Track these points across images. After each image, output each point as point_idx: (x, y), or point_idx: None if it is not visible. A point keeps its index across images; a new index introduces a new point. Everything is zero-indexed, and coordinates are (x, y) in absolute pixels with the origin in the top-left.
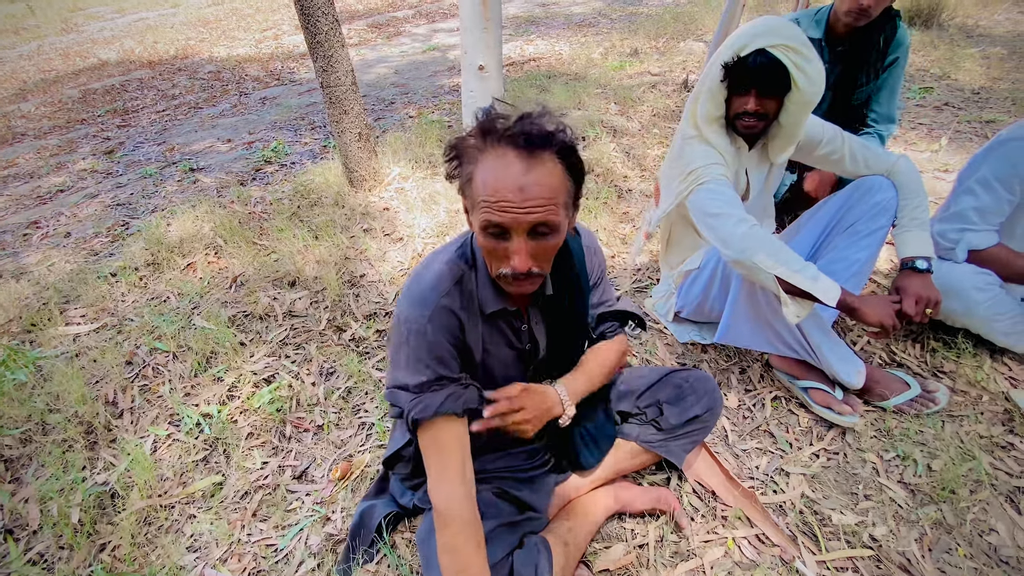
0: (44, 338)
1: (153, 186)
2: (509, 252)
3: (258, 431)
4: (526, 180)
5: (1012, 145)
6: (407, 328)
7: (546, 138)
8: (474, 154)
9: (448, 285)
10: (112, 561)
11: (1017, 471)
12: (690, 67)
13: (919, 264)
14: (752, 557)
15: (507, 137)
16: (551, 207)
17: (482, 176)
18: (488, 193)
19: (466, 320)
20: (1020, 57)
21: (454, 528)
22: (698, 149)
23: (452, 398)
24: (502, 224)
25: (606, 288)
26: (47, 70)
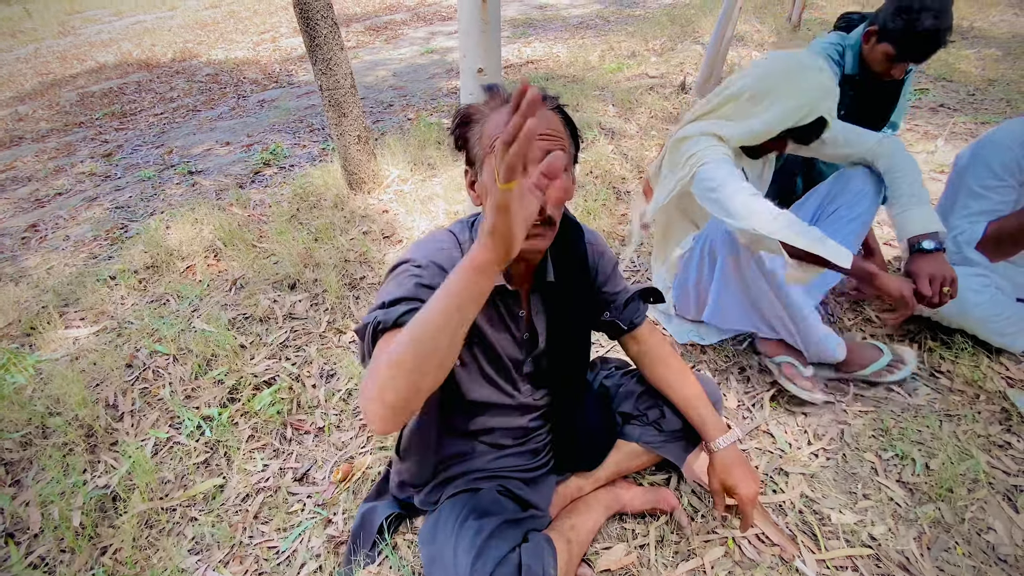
0: (43, 341)
1: (151, 189)
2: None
3: (259, 433)
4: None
5: (982, 154)
6: (399, 266)
7: (548, 97)
8: (485, 113)
9: (448, 245)
10: (114, 564)
11: (1015, 470)
12: (687, 69)
13: (926, 244)
14: (752, 556)
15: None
16: (560, 141)
17: (495, 122)
18: (503, 127)
19: None
20: (1015, 58)
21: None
22: (700, 140)
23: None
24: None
25: (618, 280)
26: (44, 73)
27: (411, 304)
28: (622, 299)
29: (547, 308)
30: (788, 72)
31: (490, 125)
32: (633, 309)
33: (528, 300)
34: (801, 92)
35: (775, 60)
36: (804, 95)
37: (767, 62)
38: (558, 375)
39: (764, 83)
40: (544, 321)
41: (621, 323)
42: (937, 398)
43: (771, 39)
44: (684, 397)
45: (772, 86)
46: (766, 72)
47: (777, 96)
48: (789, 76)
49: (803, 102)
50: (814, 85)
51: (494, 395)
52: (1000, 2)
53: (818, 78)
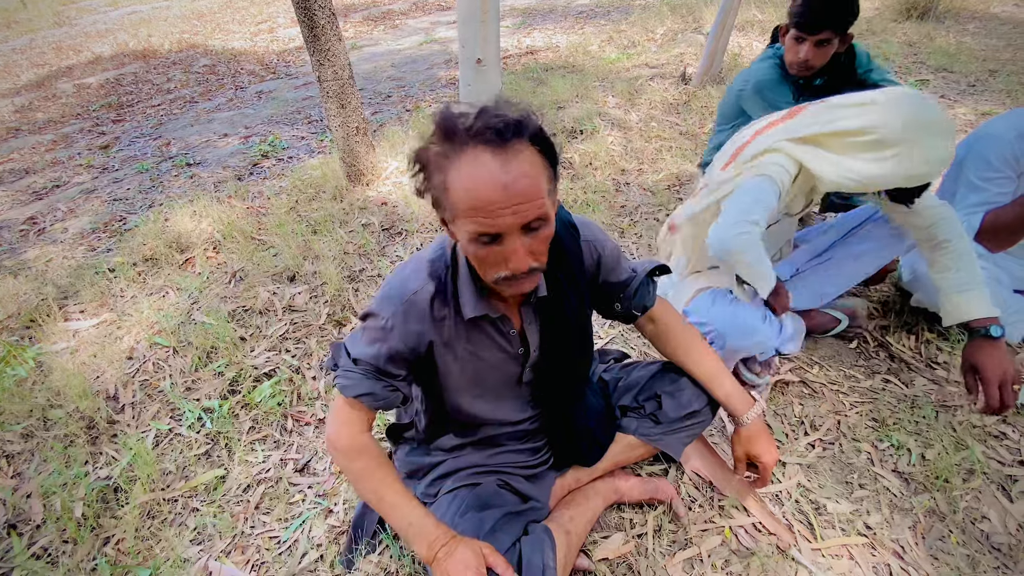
0: (43, 334)
1: (149, 181)
2: (505, 255)
3: (259, 425)
4: (508, 178)
5: (978, 146)
6: (372, 318)
7: (516, 127)
8: (442, 162)
9: (419, 285)
10: (116, 554)
11: (1009, 460)
12: (687, 60)
13: (994, 331)
14: (749, 545)
15: (474, 136)
16: (538, 200)
17: (459, 184)
18: (471, 202)
19: (438, 322)
20: (1016, 49)
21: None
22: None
23: (372, 397)
24: (496, 231)
25: (624, 268)
26: (40, 64)
27: (367, 382)
28: (632, 287)
29: (540, 319)
30: (930, 129)
31: (458, 181)
32: (643, 293)
33: (520, 313)
34: (934, 155)
35: (917, 108)
36: (934, 160)
37: (905, 106)
38: (557, 382)
39: (899, 132)
40: (537, 332)
41: (634, 311)
42: (933, 389)
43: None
44: (707, 372)
45: (907, 138)
46: (905, 120)
47: (909, 151)
48: (930, 134)
49: (931, 168)
50: (945, 153)
51: (496, 411)
52: None
53: (950, 146)
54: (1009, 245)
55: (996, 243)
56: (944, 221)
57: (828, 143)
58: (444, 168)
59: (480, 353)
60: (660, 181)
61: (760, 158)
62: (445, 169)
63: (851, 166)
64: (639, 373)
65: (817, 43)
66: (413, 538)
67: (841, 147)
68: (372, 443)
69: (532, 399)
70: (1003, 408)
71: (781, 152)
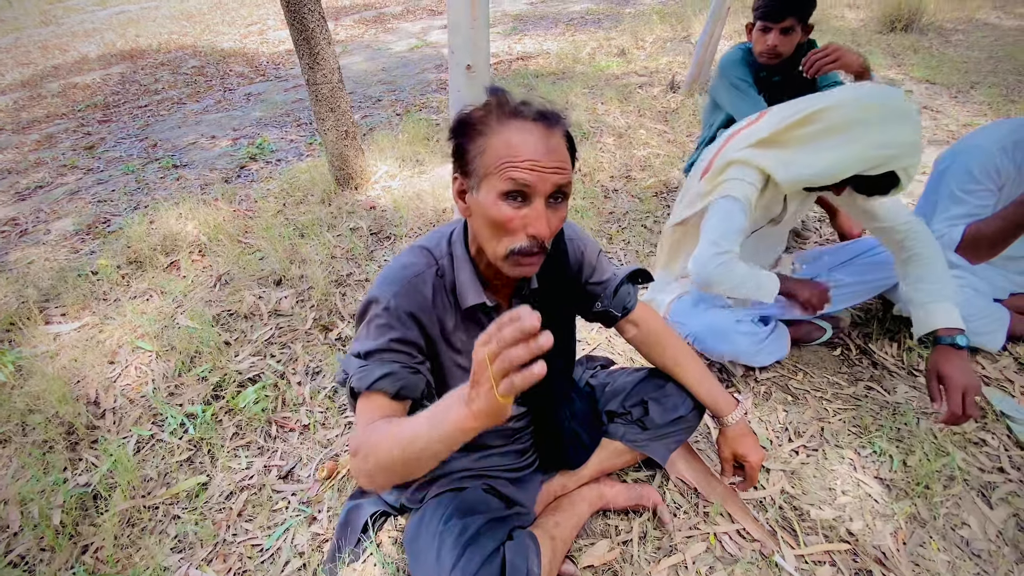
0: (23, 338)
1: (135, 183)
2: (528, 219)
3: (243, 431)
4: (550, 143)
5: (961, 158)
6: (373, 304)
7: (560, 117)
8: (490, 126)
9: (420, 268)
10: (95, 563)
11: (989, 466)
12: (676, 68)
13: (960, 340)
14: (733, 552)
15: (527, 110)
16: (568, 173)
17: (504, 140)
18: (513, 153)
19: (438, 307)
20: (997, 61)
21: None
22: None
23: (392, 378)
24: (528, 184)
25: (606, 269)
26: (25, 63)
27: (384, 366)
28: (611, 286)
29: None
30: (884, 111)
31: (503, 140)
32: (624, 294)
33: (511, 306)
34: (888, 138)
35: (872, 92)
36: (890, 143)
37: (860, 90)
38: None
39: (849, 113)
40: None
41: (614, 310)
42: (915, 396)
43: None
44: (691, 375)
45: (858, 119)
46: (856, 102)
47: (859, 133)
48: (885, 116)
49: (886, 151)
50: (906, 137)
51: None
52: (984, 5)
53: (912, 131)
54: (989, 257)
55: (977, 255)
56: (916, 235)
57: (786, 139)
58: (489, 131)
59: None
60: (648, 188)
61: (727, 171)
62: (490, 132)
63: (811, 158)
64: (625, 379)
65: (782, 31)
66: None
67: (797, 140)
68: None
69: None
70: (965, 418)
71: (743, 164)
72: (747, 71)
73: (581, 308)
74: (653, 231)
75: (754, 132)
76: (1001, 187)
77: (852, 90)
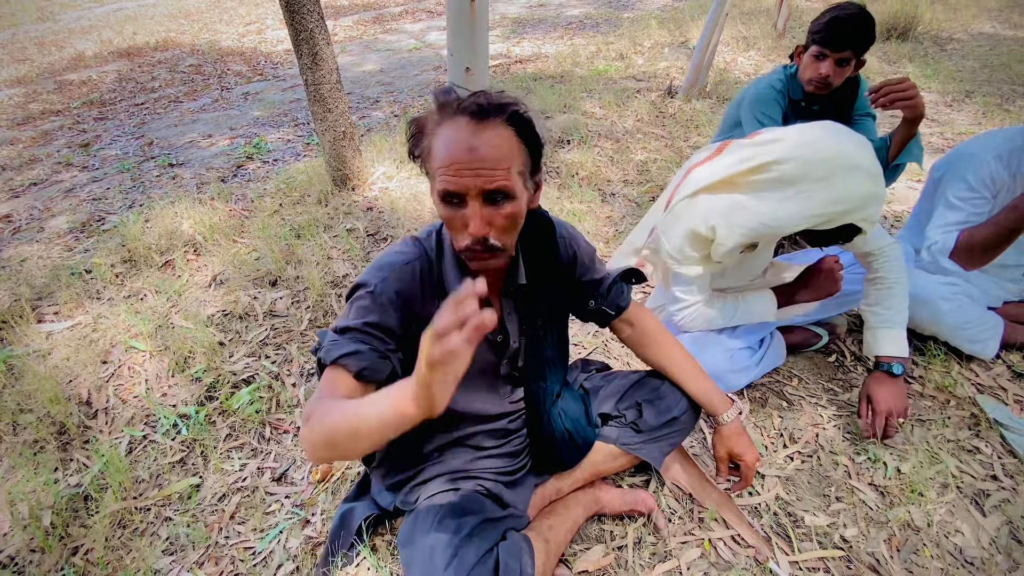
0: (15, 336)
1: (130, 181)
2: (465, 219)
3: (237, 433)
4: (476, 141)
5: (957, 166)
6: (361, 287)
7: (497, 107)
8: (432, 127)
9: (410, 258)
10: (85, 565)
11: (982, 474)
12: (674, 73)
13: (896, 369)
14: (728, 558)
15: (461, 108)
16: (502, 171)
17: (437, 143)
18: (442, 158)
19: (425, 297)
20: (992, 70)
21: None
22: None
23: (357, 356)
24: (457, 189)
25: (598, 268)
26: (21, 59)
27: (352, 344)
28: (605, 286)
29: (519, 309)
30: (833, 164)
31: (437, 143)
32: (617, 293)
33: (500, 301)
34: (840, 194)
35: (821, 145)
36: (842, 198)
37: (815, 141)
38: (535, 374)
39: (799, 168)
40: (516, 322)
41: (608, 309)
42: (909, 403)
43: (756, 45)
44: (685, 373)
45: (807, 173)
46: (808, 155)
47: (810, 188)
48: (832, 170)
49: (839, 207)
50: (859, 190)
51: (473, 402)
52: (979, 14)
53: (865, 184)
54: (982, 264)
55: (971, 261)
56: (888, 260)
57: (740, 183)
58: (430, 133)
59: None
60: (645, 193)
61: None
62: (430, 133)
63: (760, 209)
64: (620, 382)
65: (838, 61)
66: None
67: (751, 186)
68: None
69: (511, 392)
70: (885, 436)
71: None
72: (777, 109)
73: (575, 307)
74: None
75: (713, 171)
76: (996, 195)
77: (805, 138)
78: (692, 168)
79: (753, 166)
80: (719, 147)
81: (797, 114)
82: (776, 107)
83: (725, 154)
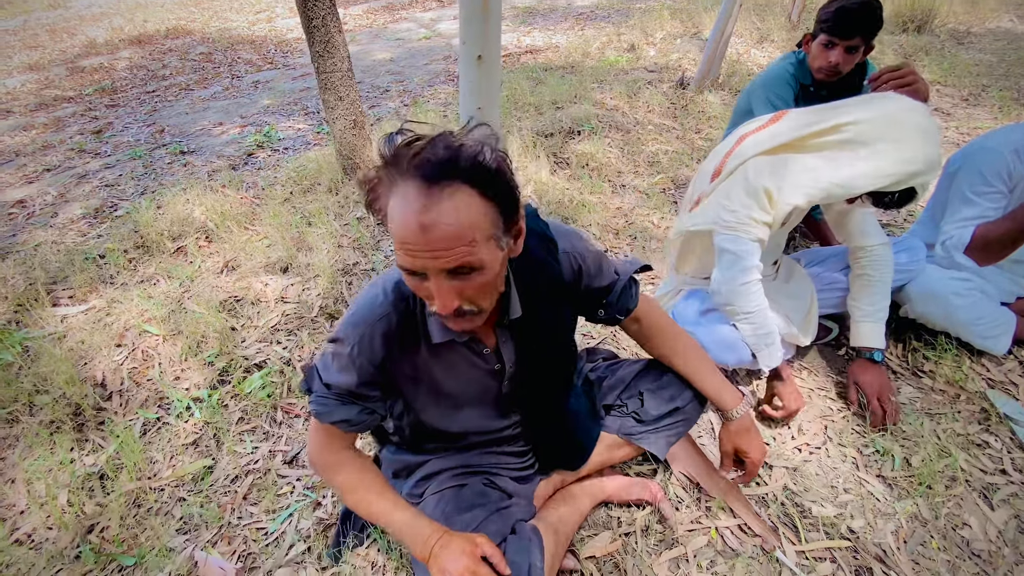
0: (31, 319)
1: (142, 168)
2: (431, 292)
3: (249, 416)
4: (428, 218)
5: (973, 160)
6: (340, 342)
7: (448, 164)
8: (385, 188)
9: (384, 310)
10: (100, 542)
11: (991, 468)
12: (686, 65)
13: (876, 356)
14: (734, 546)
15: (411, 166)
16: (462, 247)
17: (391, 214)
18: (395, 233)
19: (405, 347)
20: (1009, 64)
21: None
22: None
23: (347, 424)
24: (413, 269)
25: (607, 273)
26: (33, 46)
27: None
28: (616, 291)
29: (514, 339)
30: (910, 127)
31: (391, 211)
32: (626, 297)
33: (495, 332)
34: (912, 154)
35: (901, 107)
36: (914, 159)
37: (888, 104)
38: (538, 392)
39: (878, 127)
40: (512, 350)
41: (618, 315)
42: (919, 397)
43: (771, 37)
44: (695, 369)
45: (883, 135)
46: (885, 117)
47: (885, 148)
48: (909, 132)
49: (910, 167)
50: (930, 154)
51: (473, 421)
52: (997, 8)
53: (934, 147)
54: (997, 259)
55: (985, 257)
56: (877, 259)
57: (807, 145)
58: (386, 194)
59: (453, 371)
60: (656, 184)
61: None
62: (387, 195)
63: (829, 171)
64: (624, 371)
65: (847, 49)
66: (407, 539)
67: (818, 147)
68: (353, 456)
69: (514, 408)
70: (885, 418)
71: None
72: (790, 91)
73: (583, 313)
74: (660, 227)
75: (773, 135)
76: (1012, 189)
77: (880, 103)
78: (745, 136)
79: (825, 127)
80: (774, 116)
81: (807, 99)
82: (788, 89)
83: (784, 120)
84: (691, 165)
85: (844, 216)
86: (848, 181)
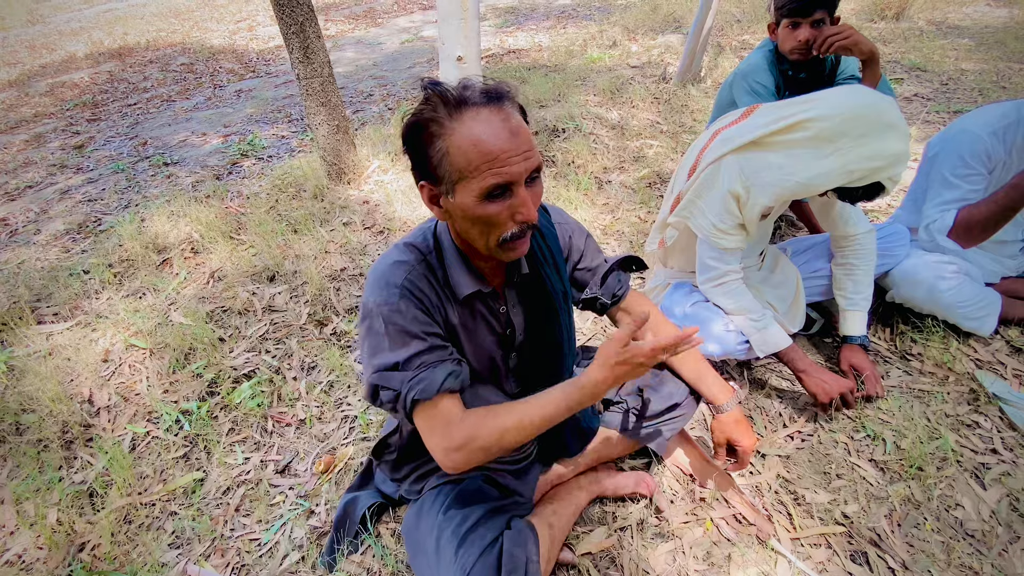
0: (15, 338)
1: (126, 181)
2: (515, 208)
3: (239, 427)
4: (513, 126)
5: (952, 143)
6: (379, 312)
7: (501, 90)
8: (443, 125)
9: (411, 266)
10: (92, 560)
11: (981, 448)
12: (668, 59)
13: (864, 342)
14: (729, 536)
15: (469, 99)
16: (536, 149)
17: (466, 141)
18: (483, 156)
19: (438, 296)
20: (987, 48)
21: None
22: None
23: (453, 376)
24: (510, 179)
25: (595, 254)
26: (12, 62)
27: (441, 368)
28: (601, 272)
29: (522, 301)
30: (870, 121)
31: (461, 143)
32: (614, 281)
33: (504, 295)
34: (875, 150)
35: (862, 103)
36: (877, 155)
37: (850, 99)
38: (542, 366)
39: (838, 124)
40: (521, 314)
41: (603, 298)
42: (907, 379)
43: (751, 28)
44: (685, 363)
45: (846, 131)
46: (845, 113)
47: (847, 145)
48: (870, 127)
49: (873, 163)
50: (894, 148)
51: (479, 397)
52: None
53: (899, 142)
54: (981, 241)
55: (968, 239)
56: (860, 248)
57: (771, 143)
58: (445, 132)
59: (473, 335)
60: (642, 179)
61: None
62: (446, 132)
63: (791, 167)
64: None
65: (813, 24)
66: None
67: (783, 145)
68: (473, 410)
69: (517, 386)
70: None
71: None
72: (770, 77)
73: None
74: (647, 222)
75: (740, 132)
76: (992, 171)
77: (842, 98)
78: (719, 131)
79: (789, 124)
80: (746, 111)
81: (787, 84)
82: (768, 76)
83: (755, 116)
84: (675, 159)
85: (827, 205)
86: (812, 179)
